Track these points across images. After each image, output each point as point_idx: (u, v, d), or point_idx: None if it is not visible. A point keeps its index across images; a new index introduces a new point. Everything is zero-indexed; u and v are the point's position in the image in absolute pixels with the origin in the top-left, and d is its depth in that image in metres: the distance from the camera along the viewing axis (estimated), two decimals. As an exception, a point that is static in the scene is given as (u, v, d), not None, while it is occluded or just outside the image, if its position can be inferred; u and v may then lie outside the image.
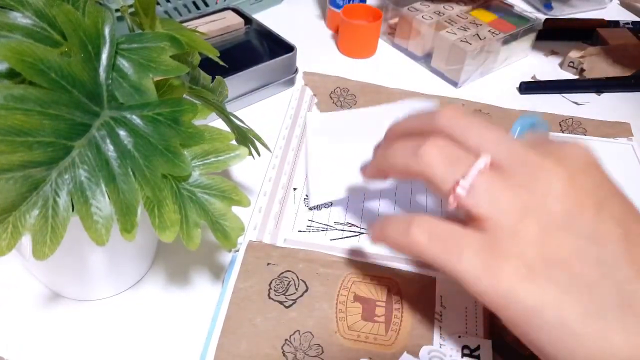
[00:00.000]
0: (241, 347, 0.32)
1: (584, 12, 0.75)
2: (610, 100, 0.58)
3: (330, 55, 0.63)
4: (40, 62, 0.24)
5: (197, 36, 0.31)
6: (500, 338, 0.34)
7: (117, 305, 0.35)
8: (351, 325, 0.34)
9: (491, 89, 0.59)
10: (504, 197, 0.25)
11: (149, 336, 0.34)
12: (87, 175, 0.25)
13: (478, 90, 0.58)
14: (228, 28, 0.59)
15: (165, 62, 0.27)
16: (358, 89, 0.56)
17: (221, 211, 0.30)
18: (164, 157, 0.27)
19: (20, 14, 0.26)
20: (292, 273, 0.37)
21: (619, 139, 0.52)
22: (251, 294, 0.35)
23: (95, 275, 0.33)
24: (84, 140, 0.25)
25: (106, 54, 0.26)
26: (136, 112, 0.27)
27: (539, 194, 0.25)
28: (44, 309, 0.35)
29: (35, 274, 0.36)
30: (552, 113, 0.55)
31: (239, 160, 0.30)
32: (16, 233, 0.24)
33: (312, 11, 0.72)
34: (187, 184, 0.29)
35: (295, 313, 0.34)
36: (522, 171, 0.25)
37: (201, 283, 0.37)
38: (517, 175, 0.25)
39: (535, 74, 0.61)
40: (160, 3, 0.59)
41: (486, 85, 0.59)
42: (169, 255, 0.38)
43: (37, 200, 0.24)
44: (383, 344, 0.33)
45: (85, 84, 0.25)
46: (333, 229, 0.41)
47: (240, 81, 0.51)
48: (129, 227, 0.26)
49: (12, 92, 0.23)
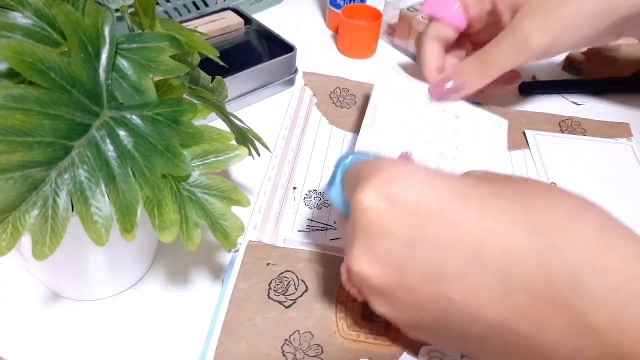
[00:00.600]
0: (241, 347, 0.32)
1: (584, 12, 0.75)
2: (609, 100, 0.58)
3: (330, 55, 0.63)
4: (40, 62, 0.24)
5: (197, 36, 0.31)
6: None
7: (117, 305, 0.35)
8: (351, 325, 0.34)
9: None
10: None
11: (149, 336, 0.34)
12: (87, 175, 0.25)
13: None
14: (228, 28, 0.59)
15: (165, 62, 0.27)
16: (358, 89, 0.56)
17: (221, 211, 0.30)
18: (164, 157, 0.27)
19: (20, 14, 0.26)
20: (292, 273, 0.37)
21: (618, 140, 0.52)
22: (251, 294, 0.35)
23: (95, 275, 0.33)
24: (83, 140, 0.25)
25: (106, 54, 0.26)
26: (136, 112, 0.27)
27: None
28: (44, 309, 0.35)
29: (35, 273, 0.36)
30: (551, 113, 0.55)
31: (238, 160, 0.30)
32: (16, 233, 0.24)
33: (312, 11, 0.72)
34: (187, 184, 0.29)
35: (295, 313, 0.34)
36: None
37: (201, 283, 0.37)
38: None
39: (535, 74, 0.61)
40: (160, 3, 0.59)
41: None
42: (169, 255, 0.38)
43: (36, 200, 0.24)
44: (383, 344, 0.33)
45: (85, 84, 0.25)
46: (333, 228, 0.41)
47: (240, 81, 0.51)
48: (128, 227, 0.26)
49: (11, 92, 0.23)
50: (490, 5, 0.46)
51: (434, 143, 0.45)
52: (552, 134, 0.52)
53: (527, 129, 0.52)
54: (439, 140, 0.45)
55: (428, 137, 0.45)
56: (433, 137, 0.45)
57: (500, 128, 0.48)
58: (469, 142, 0.46)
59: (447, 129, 0.46)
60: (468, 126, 0.46)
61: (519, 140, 0.51)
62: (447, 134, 0.45)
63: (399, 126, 0.46)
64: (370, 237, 0.26)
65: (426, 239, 0.25)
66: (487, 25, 0.48)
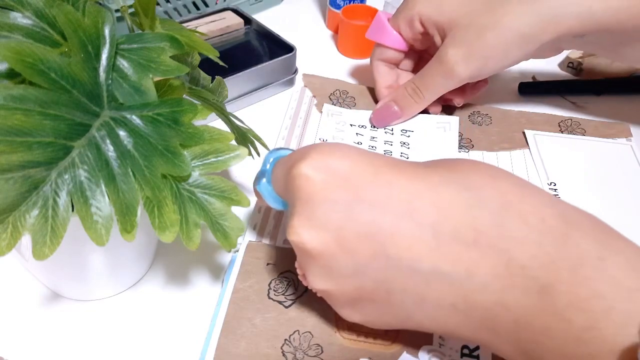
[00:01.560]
0: (241, 347, 0.32)
1: (584, 12, 0.75)
2: (609, 101, 0.58)
3: (330, 56, 0.63)
4: (40, 63, 0.24)
5: (197, 36, 0.31)
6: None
7: (117, 305, 0.35)
8: (351, 325, 0.34)
9: (490, 90, 0.58)
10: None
11: (149, 336, 0.34)
12: (87, 175, 0.25)
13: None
14: (228, 28, 0.59)
15: (165, 62, 0.27)
16: (357, 91, 0.56)
17: (221, 211, 0.30)
18: (164, 157, 0.27)
19: (20, 14, 0.26)
20: (292, 273, 0.37)
21: (618, 140, 0.52)
22: (251, 294, 0.35)
23: (95, 276, 0.33)
24: (83, 140, 0.25)
25: (106, 54, 0.26)
26: (136, 113, 0.27)
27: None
28: (44, 309, 0.35)
29: (35, 274, 0.36)
30: (551, 114, 0.55)
31: (238, 161, 0.30)
32: (16, 233, 0.24)
33: (312, 11, 0.72)
34: (187, 184, 0.29)
35: (295, 313, 0.35)
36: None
37: (201, 283, 0.37)
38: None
39: (535, 75, 0.61)
40: (160, 3, 0.59)
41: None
42: (169, 256, 0.38)
43: (37, 201, 0.24)
44: (382, 344, 0.33)
45: (85, 84, 0.25)
46: (333, 229, 0.41)
47: (240, 81, 0.51)
48: (128, 228, 0.26)
49: (12, 93, 0.23)
50: (421, 27, 0.48)
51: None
52: (552, 134, 0.52)
53: (527, 129, 0.52)
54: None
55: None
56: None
57: (451, 131, 0.50)
58: (419, 149, 0.49)
59: (396, 143, 0.49)
60: (417, 136, 0.50)
61: (519, 140, 0.51)
62: (395, 148, 0.49)
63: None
64: (309, 206, 0.27)
65: (362, 202, 0.26)
66: (430, 43, 0.49)
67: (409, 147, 0.49)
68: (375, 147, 0.49)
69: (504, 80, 0.60)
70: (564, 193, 0.46)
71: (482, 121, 0.53)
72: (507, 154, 0.50)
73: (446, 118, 0.52)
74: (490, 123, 0.53)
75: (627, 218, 0.44)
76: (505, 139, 0.51)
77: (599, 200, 0.45)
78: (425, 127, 0.51)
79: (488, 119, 0.53)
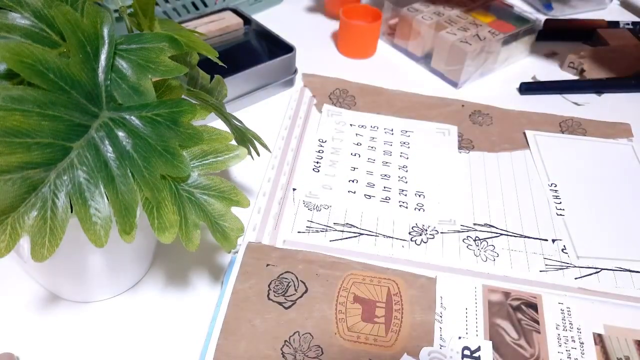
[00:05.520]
0: (240, 348, 0.32)
1: (584, 12, 0.75)
2: (610, 100, 0.58)
3: (330, 56, 0.63)
4: (38, 63, 0.23)
5: (196, 37, 0.31)
6: (500, 339, 0.34)
7: (116, 306, 0.35)
8: (351, 326, 0.34)
9: (491, 90, 0.58)
10: None
11: (148, 337, 0.34)
12: (86, 176, 0.25)
13: (478, 91, 0.58)
14: (227, 28, 0.59)
15: (164, 62, 0.27)
16: (357, 90, 0.56)
17: (220, 212, 0.30)
18: (163, 158, 0.27)
19: (19, 15, 0.26)
20: (292, 274, 0.37)
21: (619, 140, 0.52)
22: (250, 295, 0.35)
23: (94, 277, 0.33)
24: (82, 141, 0.25)
25: (105, 54, 0.26)
26: (135, 113, 0.27)
27: None
28: (43, 310, 0.35)
29: (33, 275, 0.36)
30: (552, 114, 0.55)
31: (238, 161, 0.30)
32: (15, 235, 0.24)
33: (312, 11, 0.71)
34: (186, 184, 0.29)
35: (295, 314, 0.34)
36: None
37: (200, 284, 0.37)
38: None
39: (536, 75, 0.61)
40: (159, 3, 0.59)
41: (486, 85, 0.59)
42: (168, 257, 0.38)
43: (35, 202, 0.24)
44: (383, 345, 0.33)
45: (84, 85, 0.25)
46: (332, 229, 0.41)
47: (239, 82, 0.51)
48: (127, 229, 0.26)
49: (10, 93, 0.23)
50: None
51: (380, 165, 0.48)
52: (552, 134, 0.52)
53: (528, 129, 0.52)
54: (387, 161, 0.48)
55: (376, 158, 0.48)
56: (380, 158, 0.48)
57: (450, 136, 0.51)
58: (419, 149, 0.49)
59: (396, 143, 0.50)
60: (416, 136, 0.51)
61: (520, 140, 0.51)
62: (395, 148, 0.49)
63: (348, 151, 0.49)
64: None
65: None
66: None
67: (409, 147, 0.49)
68: (375, 147, 0.49)
69: (504, 80, 0.60)
70: (565, 194, 0.46)
71: (483, 121, 0.53)
72: (508, 155, 0.50)
73: (445, 125, 0.52)
74: (491, 123, 0.53)
75: (627, 218, 0.44)
76: (506, 139, 0.51)
77: (600, 201, 0.45)
78: (425, 130, 0.51)
79: (489, 119, 0.53)
